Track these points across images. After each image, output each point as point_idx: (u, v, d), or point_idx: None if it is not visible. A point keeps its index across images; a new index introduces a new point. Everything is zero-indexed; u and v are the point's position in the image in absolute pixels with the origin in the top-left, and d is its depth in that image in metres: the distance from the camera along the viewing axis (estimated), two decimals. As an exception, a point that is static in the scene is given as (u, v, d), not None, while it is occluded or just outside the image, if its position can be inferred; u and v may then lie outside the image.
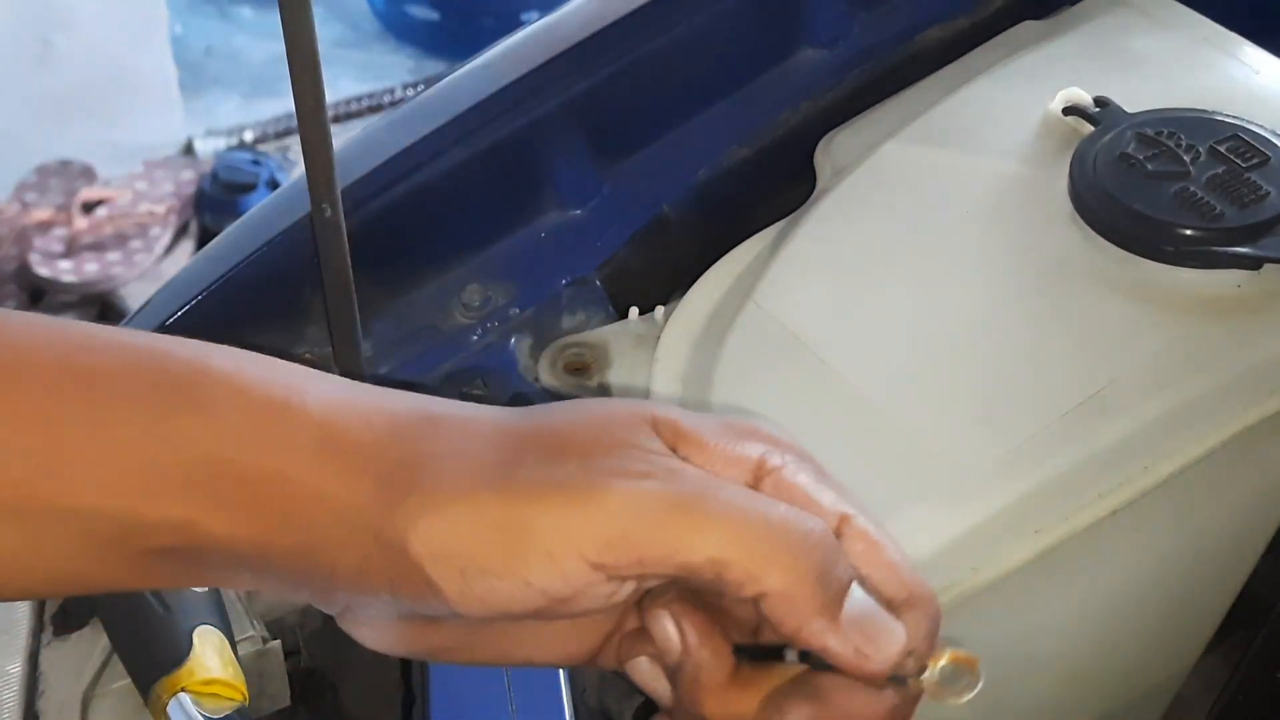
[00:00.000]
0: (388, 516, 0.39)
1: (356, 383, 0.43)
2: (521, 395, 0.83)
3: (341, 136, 0.78)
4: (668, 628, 0.42)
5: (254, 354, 0.43)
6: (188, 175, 2.20)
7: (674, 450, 0.42)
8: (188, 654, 0.64)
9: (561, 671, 0.67)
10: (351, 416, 0.41)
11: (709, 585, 0.39)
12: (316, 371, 0.43)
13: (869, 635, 0.41)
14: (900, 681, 0.42)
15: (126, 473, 0.39)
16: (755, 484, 0.42)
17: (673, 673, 0.43)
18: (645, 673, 0.44)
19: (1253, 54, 0.87)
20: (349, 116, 2.39)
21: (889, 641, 0.41)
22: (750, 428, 0.43)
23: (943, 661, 0.42)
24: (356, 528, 0.39)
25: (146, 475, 0.39)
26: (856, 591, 0.41)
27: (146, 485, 0.39)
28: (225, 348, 0.42)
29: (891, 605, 0.42)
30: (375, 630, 0.43)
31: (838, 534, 0.42)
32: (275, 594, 0.44)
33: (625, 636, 0.45)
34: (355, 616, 0.43)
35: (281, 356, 0.43)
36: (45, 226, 2.08)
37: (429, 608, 0.40)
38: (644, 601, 0.43)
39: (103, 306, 2.05)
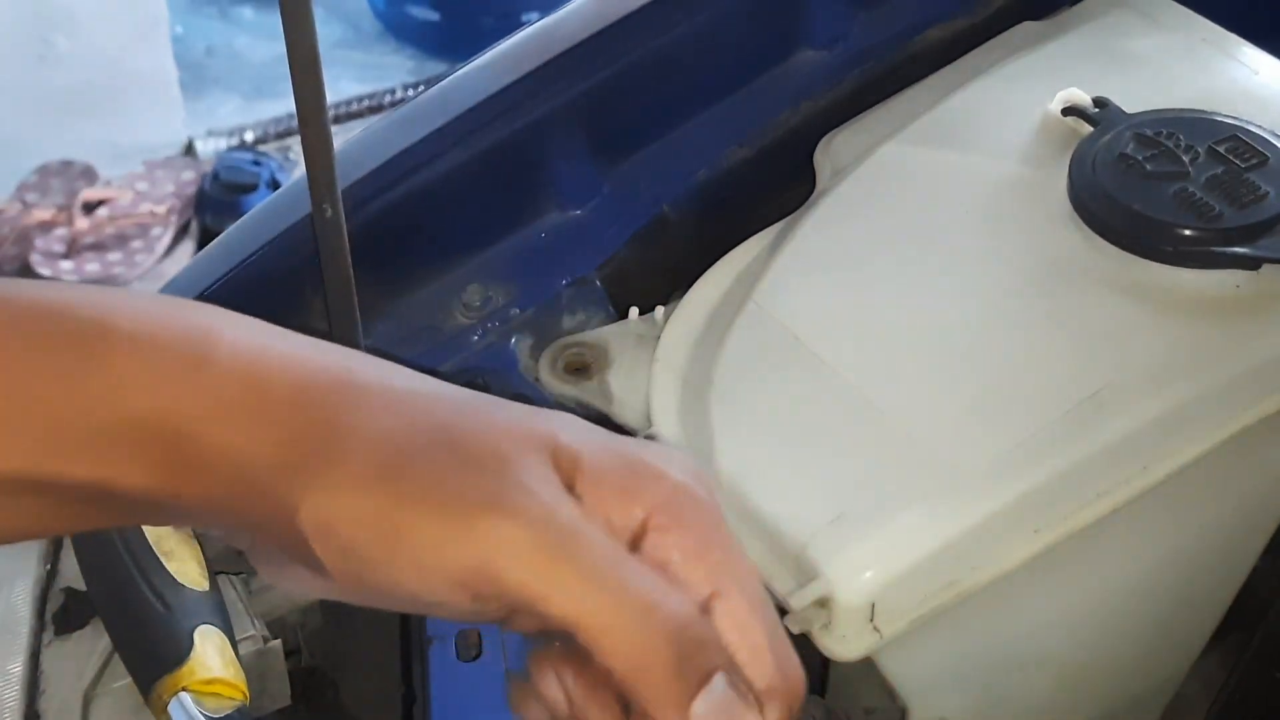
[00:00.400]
0: (284, 480, 0.39)
1: (275, 328, 0.42)
2: (522, 395, 0.83)
3: (342, 137, 0.78)
4: (550, 684, 0.41)
5: (164, 299, 0.42)
6: (189, 175, 2.20)
7: (570, 483, 0.40)
8: (189, 653, 0.64)
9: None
10: (260, 370, 0.40)
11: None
12: (231, 314, 0.42)
13: None
14: None
15: (35, 435, 0.39)
16: (639, 537, 0.41)
17: None
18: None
19: (1251, 54, 0.87)
20: (350, 117, 2.39)
21: None
22: (657, 471, 0.42)
23: None
24: (255, 484, 0.39)
25: (55, 437, 0.39)
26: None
27: (56, 447, 0.39)
28: (134, 297, 0.42)
29: (753, 691, 0.40)
30: (287, 577, 0.42)
31: (708, 609, 0.40)
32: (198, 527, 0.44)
33: (516, 687, 0.43)
34: (267, 561, 0.43)
35: None
36: (47, 226, 2.08)
37: (319, 574, 0.40)
38: (529, 653, 0.41)
39: (104, 306, 2.04)
